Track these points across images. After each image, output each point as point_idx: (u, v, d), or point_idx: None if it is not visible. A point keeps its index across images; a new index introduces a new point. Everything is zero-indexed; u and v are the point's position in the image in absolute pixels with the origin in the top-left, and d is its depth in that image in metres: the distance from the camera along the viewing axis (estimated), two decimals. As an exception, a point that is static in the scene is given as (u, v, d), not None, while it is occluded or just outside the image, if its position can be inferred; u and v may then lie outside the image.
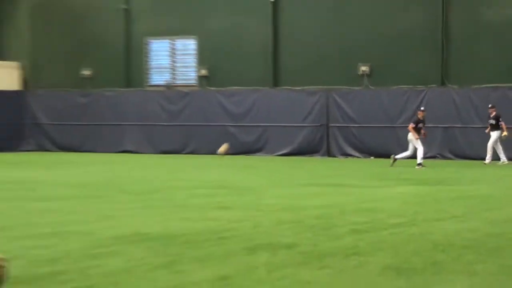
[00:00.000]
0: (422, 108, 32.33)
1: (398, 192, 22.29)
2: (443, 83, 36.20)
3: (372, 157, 36.83)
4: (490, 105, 32.51)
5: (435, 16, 36.39)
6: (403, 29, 36.73)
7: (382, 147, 35.55)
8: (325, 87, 37.84)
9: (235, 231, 14.18)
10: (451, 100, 35.17)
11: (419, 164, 31.07)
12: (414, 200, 20.28)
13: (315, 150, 38.11)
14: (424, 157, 32.94)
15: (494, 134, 31.46)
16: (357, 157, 37.19)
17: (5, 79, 43.84)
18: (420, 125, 30.66)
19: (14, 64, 44.22)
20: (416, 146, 31.09)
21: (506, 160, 31.85)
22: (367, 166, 33.17)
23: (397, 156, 31.86)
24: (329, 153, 37.98)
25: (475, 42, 35.85)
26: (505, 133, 31.74)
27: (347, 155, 37.68)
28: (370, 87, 37.48)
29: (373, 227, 14.88)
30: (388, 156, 33.03)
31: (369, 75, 37.37)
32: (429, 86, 36.00)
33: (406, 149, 32.85)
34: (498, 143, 32.01)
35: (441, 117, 34.93)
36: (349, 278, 9.92)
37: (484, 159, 32.52)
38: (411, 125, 30.80)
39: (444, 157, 35.09)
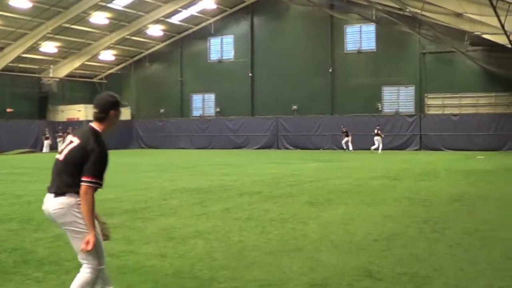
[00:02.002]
0: (378, 127, 40.40)
1: (311, 166, 25.93)
2: (332, 113, 47.45)
3: (298, 149, 47.04)
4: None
5: (327, 82, 47.69)
6: (313, 87, 47.81)
7: (303, 144, 47.58)
8: (276, 116, 49.01)
9: (232, 186, 16.77)
10: (335, 121, 46.12)
11: (376, 150, 38.77)
12: (319, 169, 23.74)
13: (271, 146, 49.22)
14: (324, 149, 45.26)
15: (379, 138, 39.38)
16: (291, 149, 47.63)
17: (123, 114, 52.65)
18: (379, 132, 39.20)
19: (128, 107, 54.00)
20: (377, 143, 39.18)
21: (351, 149, 41.86)
22: (296, 154, 40.12)
23: (374, 149, 39.21)
24: (278, 147, 48.94)
25: (346, 93, 47.05)
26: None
27: (286, 148, 48.44)
28: (298, 116, 48.49)
29: (299, 183, 17.65)
30: (306, 149, 45.13)
31: (297, 110, 48.58)
32: (325, 115, 47.12)
33: (321, 145, 45.85)
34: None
35: (331, 130, 45.79)
36: (287, 208, 12.15)
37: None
38: (380, 132, 38.92)
39: (333, 149, 45.70)
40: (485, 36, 34.79)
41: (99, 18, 45.08)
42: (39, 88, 51.37)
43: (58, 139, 47.59)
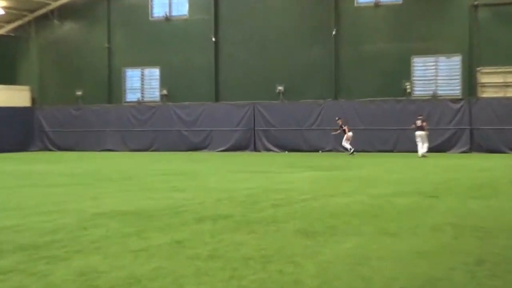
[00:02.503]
0: (420, 117, 40.75)
1: (305, 176, 26.83)
2: (335, 98, 47.85)
3: (286, 152, 47.70)
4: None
5: (329, 51, 48.06)
6: (308, 59, 48.52)
7: (293, 144, 47.60)
8: (252, 101, 49.01)
9: (186, 207, 17.06)
10: (340, 109, 45.74)
11: (424, 154, 39.86)
12: (316, 182, 24.39)
13: (245, 147, 49.27)
14: (324, 151, 45.43)
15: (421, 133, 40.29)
16: (276, 151, 48.15)
17: (18, 98, 54.34)
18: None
19: (25, 87, 55.45)
20: (420, 141, 40.29)
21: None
22: (283, 158, 40.96)
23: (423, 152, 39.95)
24: (255, 149, 49.12)
25: (357, 68, 47.61)
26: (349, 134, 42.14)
27: (268, 150, 48.61)
28: (284, 101, 49.14)
29: (287, 202, 18.03)
30: (297, 150, 45.80)
31: (283, 93, 49.37)
32: (326, 100, 47.47)
33: (320, 146, 46.39)
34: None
35: (333, 122, 44.74)
36: (270, 240, 12.43)
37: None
38: (424, 124, 39.63)
39: (338, 151, 45.54)
40: None
41: None
42: None
43: None
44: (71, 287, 9.11)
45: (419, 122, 40.24)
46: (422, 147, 39.95)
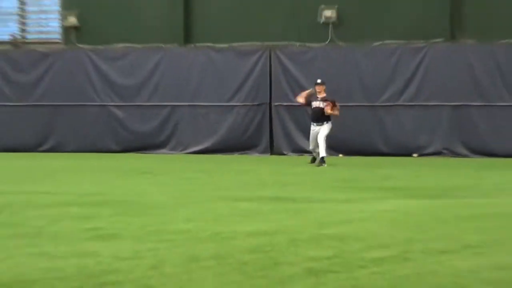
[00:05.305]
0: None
1: (381, 209, 18.80)
2: (453, 37, 34.16)
3: (340, 155, 32.92)
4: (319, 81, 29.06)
5: None
6: None
7: (358, 139, 33.08)
8: (266, 43, 33.51)
9: (124, 274, 11.68)
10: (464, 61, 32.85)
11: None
12: (406, 221, 17.31)
13: (251, 144, 34.12)
14: (422, 154, 33.00)
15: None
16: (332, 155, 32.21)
17: None
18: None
19: None
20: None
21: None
22: (332, 169, 29.54)
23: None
24: (272, 149, 33.77)
25: None
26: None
27: (300, 151, 32.91)
28: (338, 42, 33.72)
29: (342, 265, 12.33)
30: (366, 154, 31.53)
31: (336, 25, 33.81)
32: (431, 41, 33.35)
33: (393, 143, 33.10)
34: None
35: (444, 90, 33.46)
36: None
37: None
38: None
39: (454, 153, 32.74)
40: None
41: None
42: None
43: None
44: None
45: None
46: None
